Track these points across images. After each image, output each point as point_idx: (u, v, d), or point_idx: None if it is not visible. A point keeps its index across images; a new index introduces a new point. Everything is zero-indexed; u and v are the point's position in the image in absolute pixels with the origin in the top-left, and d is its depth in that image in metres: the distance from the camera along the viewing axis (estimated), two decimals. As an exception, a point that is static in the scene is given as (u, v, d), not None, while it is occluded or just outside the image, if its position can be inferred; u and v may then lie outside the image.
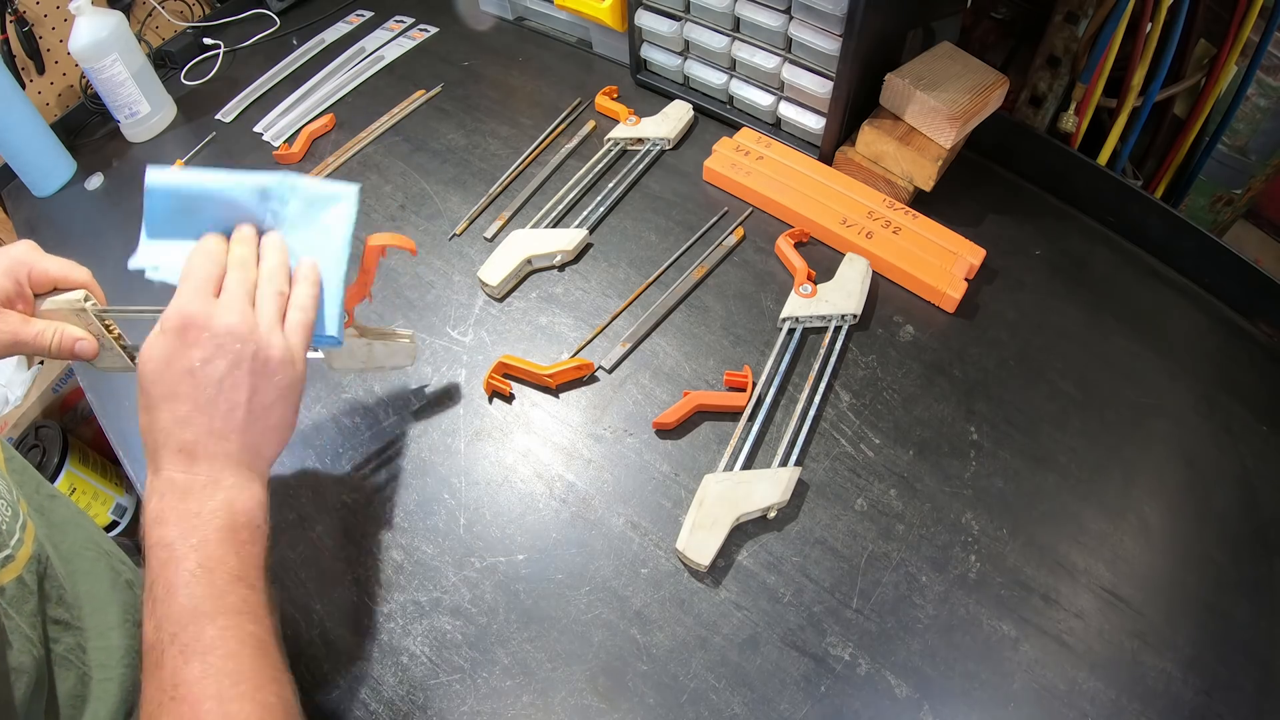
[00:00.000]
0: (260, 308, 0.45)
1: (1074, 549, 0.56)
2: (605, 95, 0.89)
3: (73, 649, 0.49)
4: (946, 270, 0.69)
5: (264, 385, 0.43)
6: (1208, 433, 0.62)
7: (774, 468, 0.59)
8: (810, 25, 0.71)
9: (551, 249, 0.75)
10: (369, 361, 0.61)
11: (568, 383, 0.67)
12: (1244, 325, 0.69)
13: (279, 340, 0.44)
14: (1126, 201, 0.73)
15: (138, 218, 0.48)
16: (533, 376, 0.67)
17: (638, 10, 0.84)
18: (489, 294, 0.74)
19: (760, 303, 0.71)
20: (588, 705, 0.52)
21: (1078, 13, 0.75)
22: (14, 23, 0.95)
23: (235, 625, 0.38)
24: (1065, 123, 0.82)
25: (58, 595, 0.49)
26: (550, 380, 0.66)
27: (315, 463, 0.65)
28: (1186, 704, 0.49)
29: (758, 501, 0.57)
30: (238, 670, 0.37)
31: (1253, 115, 1.01)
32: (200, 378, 0.42)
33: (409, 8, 1.10)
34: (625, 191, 0.81)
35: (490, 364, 0.67)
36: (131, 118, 0.95)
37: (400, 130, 0.92)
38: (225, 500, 0.41)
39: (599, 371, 0.68)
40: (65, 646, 0.49)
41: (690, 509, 0.57)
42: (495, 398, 0.67)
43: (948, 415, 0.63)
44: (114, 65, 0.89)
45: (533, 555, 0.58)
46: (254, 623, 0.39)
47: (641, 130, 0.85)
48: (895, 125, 0.74)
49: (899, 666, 0.52)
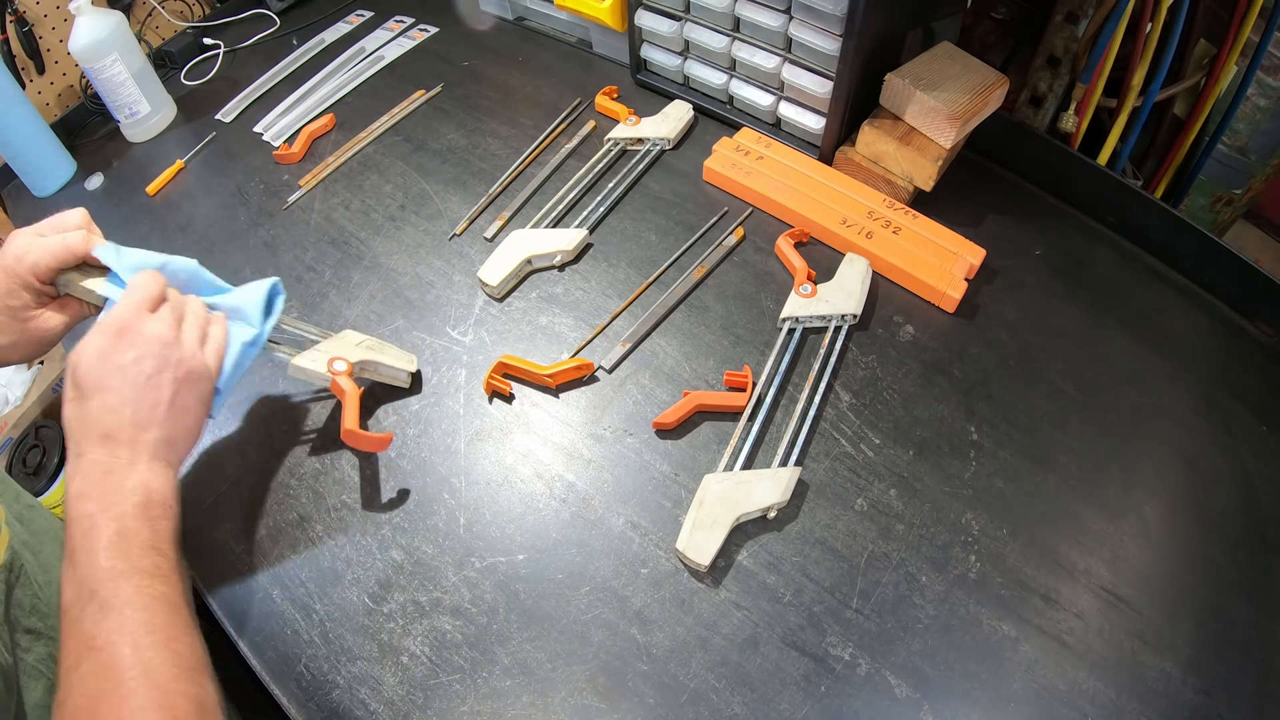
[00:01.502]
0: (186, 329, 0.51)
1: (1074, 549, 0.56)
2: (605, 95, 0.89)
3: (43, 659, 0.51)
4: (946, 270, 0.69)
5: (184, 390, 0.49)
6: (1208, 433, 0.62)
7: (774, 468, 0.59)
8: (810, 25, 0.71)
9: (551, 249, 0.75)
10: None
11: (568, 383, 0.67)
12: (1244, 325, 0.69)
13: (200, 356, 0.50)
14: (1126, 201, 0.73)
15: (137, 218, 0.48)
16: (533, 377, 0.67)
17: (638, 10, 0.84)
18: (489, 294, 0.74)
19: (760, 303, 0.71)
20: (588, 705, 0.52)
21: (1078, 13, 0.75)
22: (14, 23, 0.95)
23: (149, 585, 0.42)
24: (1065, 123, 0.82)
25: (31, 604, 0.51)
26: (550, 380, 0.66)
27: (315, 463, 0.65)
28: (1186, 704, 0.49)
29: (758, 501, 0.57)
30: (151, 622, 0.41)
31: (1253, 115, 1.01)
32: (130, 373, 0.47)
33: (409, 8, 1.10)
34: (625, 192, 0.81)
35: (490, 364, 0.67)
36: (132, 117, 0.95)
37: (400, 130, 0.92)
38: (142, 480, 0.46)
39: (599, 371, 0.68)
40: (36, 656, 0.51)
41: (690, 509, 0.57)
42: (495, 397, 0.67)
43: (948, 415, 0.63)
44: (114, 65, 0.89)
45: (533, 555, 0.58)
46: (166, 584, 0.43)
47: (641, 130, 0.85)
48: (895, 125, 0.74)
49: (899, 666, 0.52)
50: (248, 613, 0.58)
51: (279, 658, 0.55)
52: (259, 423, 0.68)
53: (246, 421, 0.68)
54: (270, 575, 0.59)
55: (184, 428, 0.49)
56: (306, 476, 0.64)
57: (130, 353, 0.47)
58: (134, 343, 0.47)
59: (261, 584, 0.59)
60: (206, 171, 0.92)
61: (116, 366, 0.46)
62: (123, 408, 0.46)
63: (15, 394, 1.08)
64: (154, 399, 0.47)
